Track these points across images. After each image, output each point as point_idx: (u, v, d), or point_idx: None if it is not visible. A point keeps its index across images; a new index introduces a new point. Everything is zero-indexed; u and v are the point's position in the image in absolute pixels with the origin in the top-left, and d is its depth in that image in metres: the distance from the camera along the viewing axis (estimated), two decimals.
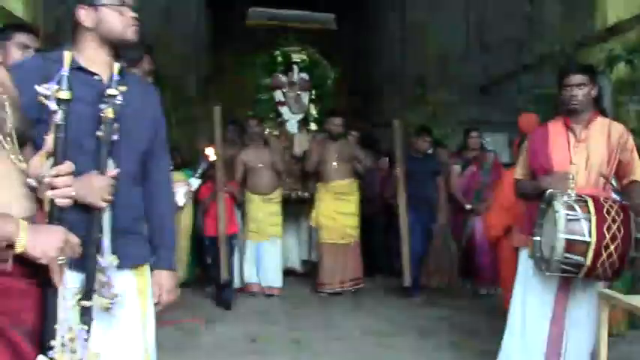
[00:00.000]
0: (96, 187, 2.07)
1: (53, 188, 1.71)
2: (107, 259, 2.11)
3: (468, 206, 7.07)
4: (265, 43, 8.95)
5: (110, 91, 2.10)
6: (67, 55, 1.74)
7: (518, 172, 3.71)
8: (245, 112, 8.32)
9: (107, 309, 2.11)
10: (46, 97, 1.72)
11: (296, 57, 8.76)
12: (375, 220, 8.12)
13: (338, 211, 7.17)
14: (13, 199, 1.64)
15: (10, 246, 1.55)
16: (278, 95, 8.63)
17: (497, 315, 5.31)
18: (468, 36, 10.65)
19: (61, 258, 1.64)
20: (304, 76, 8.72)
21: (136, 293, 2.33)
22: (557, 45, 6.60)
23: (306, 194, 7.87)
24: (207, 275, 6.99)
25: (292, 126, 8.55)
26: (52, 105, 1.72)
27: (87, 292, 2.04)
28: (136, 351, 2.31)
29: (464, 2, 10.60)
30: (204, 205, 6.46)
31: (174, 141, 6.53)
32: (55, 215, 1.72)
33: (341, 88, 9.72)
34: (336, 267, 7.14)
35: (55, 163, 1.75)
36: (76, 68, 2.13)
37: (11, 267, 1.57)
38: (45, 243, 1.60)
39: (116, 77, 2.13)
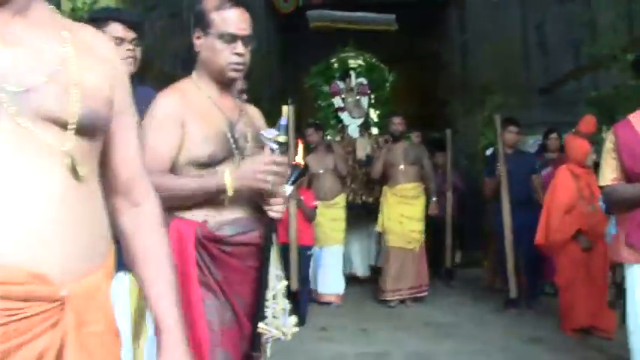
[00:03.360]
0: None
1: (270, 205, 2.28)
2: None
3: None
4: (330, 52, 9.08)
5: None
6: (285, 110, 2.27)
7: (608, 177, 3.20)
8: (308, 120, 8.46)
9: None
10: (268, 139, 2.27)
11: (352, 62, 8.84)
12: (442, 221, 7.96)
13: (404, 215, 7.03)
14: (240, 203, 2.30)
15: None
16: (337, 101, 8.73)
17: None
18: (527, 38, 10.87)
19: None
20: (362, 80, 8.78)
21: (127, 292, 2.61)
22: (606, 49, 6.85)
23: (371, 199, 7.89)
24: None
25: (353, 131, 8.60)
26: (273, 145, 2.23)
27: None
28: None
29: (521, 5, 10.84)
30: None
31: None
32: (270, 223, 2.30)
33: (402, 93, 9.96)
34: (401, 272, 6.98)
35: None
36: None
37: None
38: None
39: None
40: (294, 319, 2.35)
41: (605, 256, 5.20)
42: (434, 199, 7.32)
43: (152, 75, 7.17)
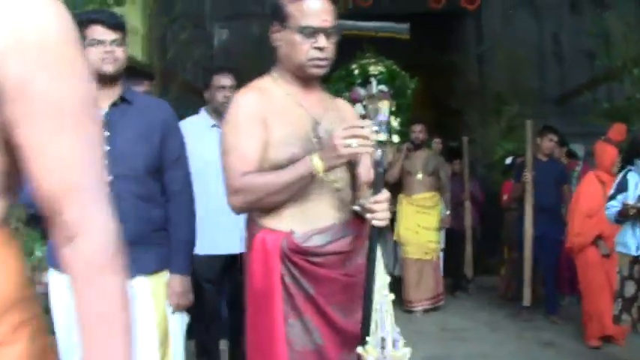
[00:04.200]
0: None
1: (373, 212, 2.10)
2: None
3: None
4: (349, 59, 9.01)
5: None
6: (385, 105, 2.23)
7: None
8: None
9: None
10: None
11: (373, 69, 8.78)
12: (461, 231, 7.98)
13: (421, 225, 6.96)
14: (330, 209, 2.22)
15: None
16: (358, 109, 8.31)
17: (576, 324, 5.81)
18: (543, 49, 10.98)
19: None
20: (383, 87, 8.57)
21: (149, 295, 2.57)
22: (620, 60, 6.95)
23: (392, 207, 7.61)
24: None
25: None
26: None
27: None
28: (149, 345, 2.53)
29: (536, 16, 10.96)
30: None
31: None
32: (374, 234, 2.13)
33: (421, 102, 10.00)
34: (421, 282, 6.93)
35: (374, 193, 2.12)
36: None
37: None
38: None
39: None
40: (406, 352, 2.16)
41: None
42: (447, 212, 7.21)
43: (176, 85, 7.41)
